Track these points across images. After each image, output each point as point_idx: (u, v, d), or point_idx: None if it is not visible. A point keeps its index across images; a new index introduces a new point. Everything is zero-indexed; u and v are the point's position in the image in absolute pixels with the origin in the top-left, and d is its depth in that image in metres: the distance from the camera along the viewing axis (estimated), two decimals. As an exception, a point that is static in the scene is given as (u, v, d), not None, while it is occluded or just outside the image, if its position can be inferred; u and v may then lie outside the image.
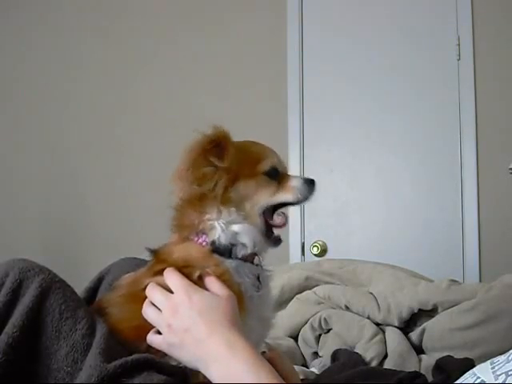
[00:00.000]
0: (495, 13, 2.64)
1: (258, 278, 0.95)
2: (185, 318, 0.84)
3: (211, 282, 0.88)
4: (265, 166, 0.98)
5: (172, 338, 0.84)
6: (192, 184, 0.93)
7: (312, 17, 2.88)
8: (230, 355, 0.80)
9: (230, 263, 0.92)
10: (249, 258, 0.95)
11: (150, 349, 0.86)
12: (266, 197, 0.96)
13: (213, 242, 0.92)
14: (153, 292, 0.88)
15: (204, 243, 0.93)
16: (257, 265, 0.96)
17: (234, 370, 0.79)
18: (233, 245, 0.93)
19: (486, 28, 2.64)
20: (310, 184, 1.00)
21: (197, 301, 0.85)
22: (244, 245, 0.93)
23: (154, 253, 0.96)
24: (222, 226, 0.92)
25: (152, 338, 0.86)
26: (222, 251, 0.92)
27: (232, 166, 0.94)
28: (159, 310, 0.87)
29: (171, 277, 0.88)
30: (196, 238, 0.93)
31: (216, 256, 0.92)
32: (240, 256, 0.93)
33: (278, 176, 0.99)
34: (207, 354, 0.81)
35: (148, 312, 0.87)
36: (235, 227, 0.93)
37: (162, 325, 0.85)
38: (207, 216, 0.93)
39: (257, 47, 2.96)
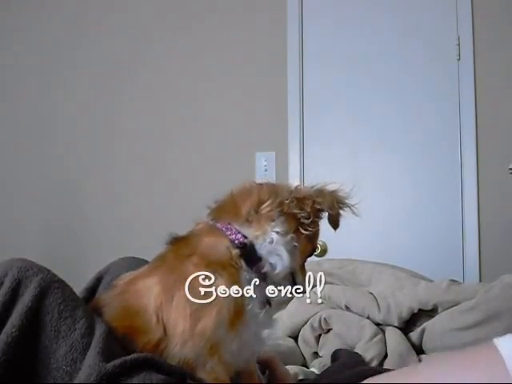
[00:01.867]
0: (495, 13, 2.64)
1: (267, 298, 0.94)
2: None
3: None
4: (317, 244, 1.04)
5: None
6: (298, 205, 0.94)
7: (312, 17, 2.88)
8: None
9: (250, 274, 0.90)
10: (261, 276, 0.93)
11: (143, 350, 0.85)
12: (300, 262, 0.99)
13: (251, 246, 0.91)
14: None
15: (237, 241, 0.90)
16: (266, 283, 0.94)
17: None
18: (261, 259, 0.91)
19: (485, 28, 2.64)
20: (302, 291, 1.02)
21: None
22: (274, 265, 0.92)
23: (175, 241, 0.94)
24: (275, 238, 0.91)
25: None
26: (251, 259, 0.91)
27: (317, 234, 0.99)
28: None
29: None
30: (229, 232, 0.91)
31: (241, 262, 0.90)
32: (261, 272, 0.92)
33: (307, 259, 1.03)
34: None
35: None
36: (282, 249, 0.92)
37: None
38: (271, 223, 0.92)
39: (257, 47, 2.96)
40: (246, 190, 0.96)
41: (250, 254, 0.91)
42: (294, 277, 0.98)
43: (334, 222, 1.00)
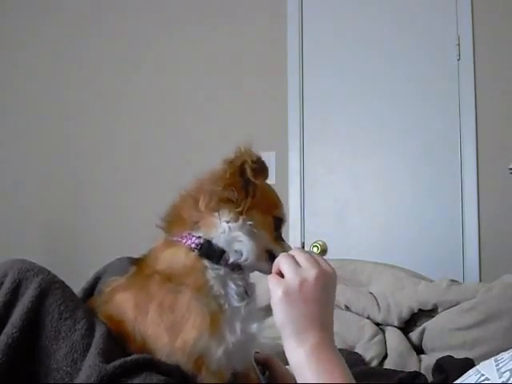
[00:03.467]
0: (495, 13, 2.64)
1: (245, 288, 0.92)
2: (309, 294, 0.79)
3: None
4: (279, 213, 0.98)
5: (285, 303, 0.79)
6: (228, 187, 0.90)
7: (312, 17, 2.88)
8: (315, 351, 0.77)
9: (218, 269, 0.89)
10: (235, 269, 0.91)
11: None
12: (267, 238, 0.95)
13: (207, 242, 0.89)
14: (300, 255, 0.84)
15: (193, 245, 0.89)
16: (240, 274, 0.93)
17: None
18: (224, 251, 0.90)
19: (485, 28, 2.64)
20: None
21: (326, 287, 0.80)
22: (239, 252, 0.90)
23: (137, 261, 0.94)
24: (228, 227, 0.90)
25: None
26: (212, 255, 0.89)
27: (258, 192, 0.93)
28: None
29: (299, 254, 0.83)
30: (184, 240, 0.90)
31: (203, 262, 0.88)
32: (229, 263, 0.90)
33: (278, 230, 0.98)
34: (302, 337, 0.78)
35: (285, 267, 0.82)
36: (239, 234, 0.90)
37: (288, 284, 0.80)
38: (215, 214, 0.90)
39: (257, 47, 2.96)
40: (181, 198, 0.96)
41: (209, 251, 0.89)
42: (274, 252, 0.94)
43: (258, 170, 0.92)
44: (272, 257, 0.92)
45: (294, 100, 2.85)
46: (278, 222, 0.97)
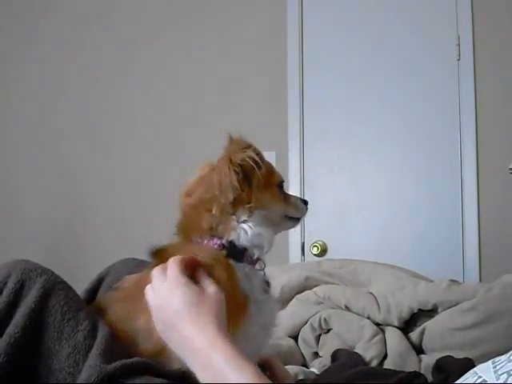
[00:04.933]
0: (495, 13, 2.64)
1: (266, 282, 0.97)
2: (167, 313, 0.83)
3: (201, 277, 0.87)
4: (278, 178, 1.03)
5: (159, 326, 0.84)
6: (235, 188, 0.94)
7: (312, 17, 2.88)
8: (210, 351, 0.78)
9: (242, 267, 0.93)
10: (254, 263, 0.96)
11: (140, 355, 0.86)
12: (279, 207, 1.01)
13: (230, 243, 0.93)
14: (152, 277, 0.87)
15: (216, 246, 0.93)
16: (261, 269, 0.98)
17: (213, 364, 0.77)
18: (246, 248, 0.94)
19: (485, 28, 2.64)
20: (306, 204, 1.07)
21: (178, 296, 0.83)
22: (261, 246, 0.95)
23: (156, 252, 0.95)
24: (247, 226, 0.94)
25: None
26: (236, 253, 0.93)
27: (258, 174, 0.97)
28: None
29: (170, 266, 0.86)
30: (206, 241, 0.93)
31: (228, 259, 0.92)
32: (254, 258, 0.95)
33: (283, 191, 1.04)
34: (188, 348, 0.80)
35: (147, 293, 0.87)
36: (259, 229, 0.95)
37: (152, 307, 0.85)
38: (234, 218, 0.94)
39: (257, 47, 2.96)
40: (191, 208, 0.98)
41: (233, 250, 0.93)
42: (288, 215, 1.03)
43: (256, 161, 0.96)
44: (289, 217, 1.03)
45: (294, 100, 2.85)
46: (280, 185, 1.03)
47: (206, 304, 0.83)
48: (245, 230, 0.94)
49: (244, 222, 0.94)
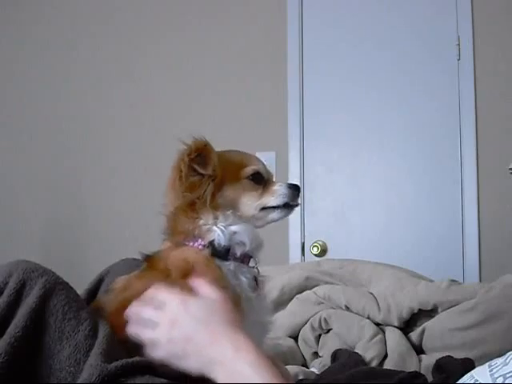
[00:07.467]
0: (495, 13, 2.64)
1: (256, 279, 0.97)
2: (185, 328, 0.83)
3: (201, 285, 0.88)
4: (248, 171, 1.01)
5: (174, 349, 0.83)
6: (183, 192, 0.96)
7: (312, 17, 2.88)
8: (235, 358, 0.78)
9: (228, 265, 0.94)
10: (245, 260, 0.97)
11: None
12: (252, 200, 0.99)
13: (211, 244, 0.94)
14: (143, 310, 0.87)
15: (200, 247, 0.94)
16: (252, 267, 0.98)
17: (239, 372, 0.77)
18: (229, 247, 0.95)
19: (485, 28, 2.64)
20: (294, 188, 1.03)
21: (194, 308, 0.84)
22: (242, 243, 0.96)
23: (147, 258, 0.97)
24: (220, 227, 0.95)
25: (153, 353, 0.84)
26: (220, 253, 0.94)
27: (216, 172, 0.98)
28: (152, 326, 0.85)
29: (161, 291, 0.87)
30: (191, 243, 0.95)
31: (214, 259, 0.93)
32: (238, 255, 0.95)
33: (262, 181, 1.02)
34: (212, 358, 0.80)
35: (141, 332, 0.86)
36: (233, 227, 0.96)
37: (161, 340, 0.84)
38: (201, 221, 0.95)
39: (257, 47, 2.96)
40: (172, 213, 1.01)
41: (215, 249, 0.94)
42: (267, 206, 1.01)
43: (198, 161, 0.98)
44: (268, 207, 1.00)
45: (294, 100, 2.85)
46: (255, 176, 1.01)
47: (219, 310, 0.84)
48: (220, 230, 0.95)
49: (215, 223, 0.95)
